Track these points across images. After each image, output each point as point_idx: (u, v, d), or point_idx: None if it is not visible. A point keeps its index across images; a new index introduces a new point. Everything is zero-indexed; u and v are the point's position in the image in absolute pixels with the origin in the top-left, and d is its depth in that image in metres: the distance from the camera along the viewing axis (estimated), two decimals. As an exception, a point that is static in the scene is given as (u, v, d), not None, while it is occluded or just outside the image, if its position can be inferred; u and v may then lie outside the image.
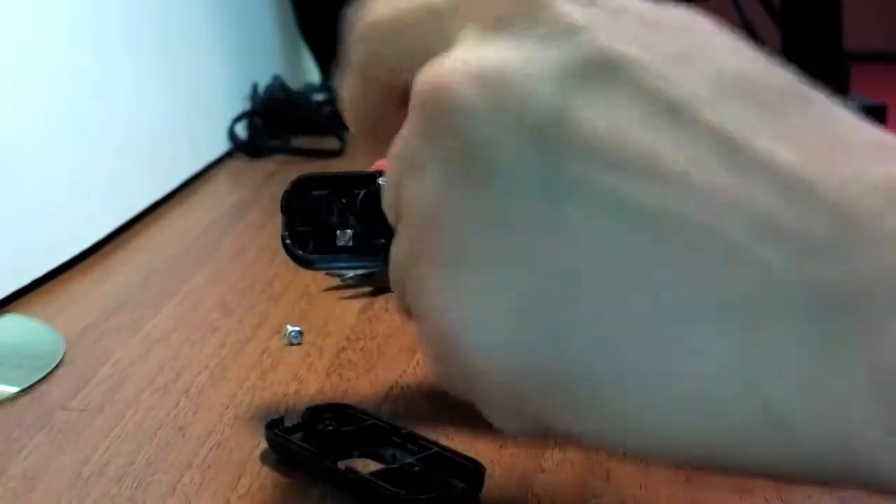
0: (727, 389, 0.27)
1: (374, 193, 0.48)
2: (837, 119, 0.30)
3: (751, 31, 1.32)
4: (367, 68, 0.37)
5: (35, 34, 0.76)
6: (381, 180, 0.48)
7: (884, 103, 1.36)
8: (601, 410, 0.29)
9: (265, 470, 0.47)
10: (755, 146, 0.28)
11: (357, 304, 0.66)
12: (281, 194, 0.48)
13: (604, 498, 0.44)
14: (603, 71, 0.30)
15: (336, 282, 0.69)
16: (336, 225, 0.48)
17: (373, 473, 0.44)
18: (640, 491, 0.44)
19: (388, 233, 0.48)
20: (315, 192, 0.49)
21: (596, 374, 0.29)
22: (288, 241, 0.49)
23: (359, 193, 0.48)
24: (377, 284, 0.68)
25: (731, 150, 0.28)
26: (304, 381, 0.56)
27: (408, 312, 0.34)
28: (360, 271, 0.69)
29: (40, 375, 0.56)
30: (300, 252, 0.49)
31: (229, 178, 1.03)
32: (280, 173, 1.03)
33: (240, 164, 1.07)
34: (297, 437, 0.47)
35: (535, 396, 0.30)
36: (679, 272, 0.28)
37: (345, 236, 0.48)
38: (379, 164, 0.48)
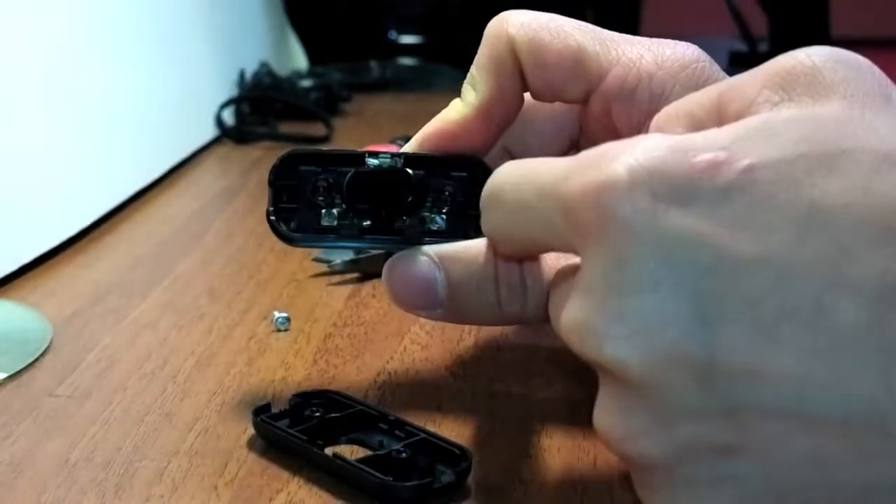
0: None
1: (362, 174, 0.48)
2: None
3: (738, 18, 1.32)
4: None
5: (24, 22, 0.75)
6: (369, 161, 0.48)
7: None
8: None
9: (252, 456, 0.47)
10: None
11: (344, 291, 0.66)
12: (269, 168, 0.48)
13: (590, 483, 0.44)
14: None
15: (323, 268, 0.69)
16: (322, 203, 0.48)
17: (360, 460, 0.44)
18: (626, 477, 0.44)
19: (373, 214, 0.47)
20: (303, 168, 0.48)
21: None
22: (272, 218, 0.48)
23: (347, 172, 0.48)
24: (364, 271, 0.68)
25: None
26: (292, 367, 0.56)
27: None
28: (343, 254, 0.69)
29: (27, 361, 0.56)
30: (283, 228, 0.48)
31: (216, 164, 1.02)
32: (267, 159, 1.03)
33: (227, 149, 1.07)
34: (283, 423, 0.47)
35: None
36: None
37: (329, 216, 0.48)
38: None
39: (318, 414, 0.48)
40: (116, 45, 0.90)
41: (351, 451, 0.46)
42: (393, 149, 0.50)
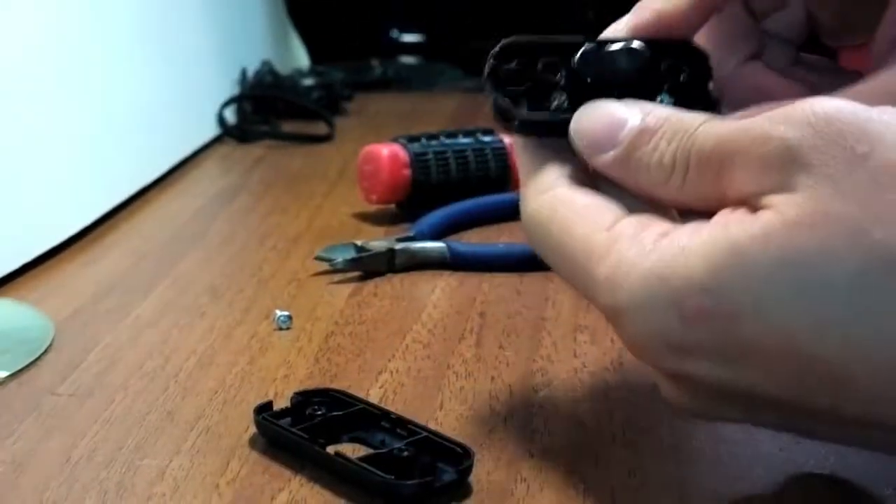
0: None
1: (592, 52, 0.45)
2: None
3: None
4: None
5: (23, 21, 0.75)
6: (589, 44, 0.45)
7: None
8: None
9: (254, 455, 0.47)
10: None
11: (346, 289, 0.66)
12: (488, 57, 0.45)
13: (591, 483, 0.44)
14: None
15: (325, 266, 0.69)
16: (551, 82, 0.45)
17: (361, 458, 0.44)
18: (627, 476, 0.44)
19: (599, 94, 0.44)
20: (523, 55, 0.45)
21: None
22: (501, 100, 0.44)
23: (573, 53, 0.45)
24: (366, 269, 0.68)
25: None
26: (293, 365, 0.56)
27: None
28: (345, 252, 0.68)
29: (29, 360, 0.56)
30: (516, 111, 0.44)
31: (218, 163, 1.02)
32: (269, 158, 1.03)
33: (229, 148, 1.07)
34: (285, 421, 0.47)
35: None
36: None
37: (560, 97, 0.45)
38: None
39: (319, 412, 0.48)
40: (118, 44, 0.90)
41: (353, 450, 0.46)
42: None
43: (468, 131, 0.85)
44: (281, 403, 0.49)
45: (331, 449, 0.45)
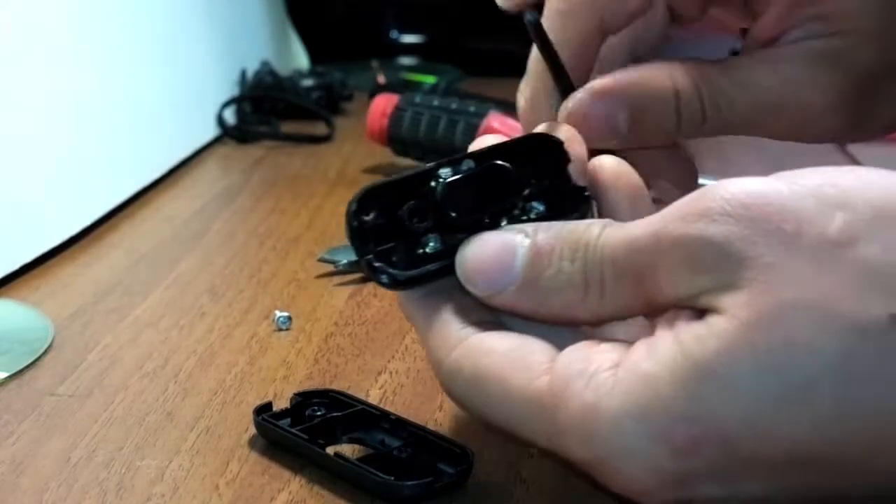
0: None
1: (456, 183, 0.42)
2: None
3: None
4: None
5: (25, 21, 0.75)
6: (442, 171, 0.42)
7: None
8: None
9: (253, 455, 0.47)
10: None
11: (346, 290, 0.66)
12: (346, 215, 0.41)
13: (591, 483, 0.44)
14: None
15: (327, 268, 0.69)
16: (419, 229, 0.42)
17: (361, 459, 0.44)
18: (627, 476, 0.44)
19: (475, 224, 0.42)
20: (382, 203, 0.42)
21: None
22: (376, 264, 0.41)
23: (433, 189, 0.42)
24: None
25: None
26: (293, 366, 0.56)
27: None
28: (348, 254, 0.68)
29: (28, 361, 0.56)
30: (392, 272, 0.41)
31: (218, 164, 1.02)
32: (268, 158, 1.03)
33: (228, 149, 1.07)
34: (285, 422, 0.48)
35: None
36: None
37: (430, 241, 0.42)
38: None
39: (319, 413, 0.48)
40: (118, 45, 0.90)
41: (352, 451, 0.46)
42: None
43: (471, 101, 0.93)
44: (280, 404, 0.49)
45: (330, 449, 0.45)
